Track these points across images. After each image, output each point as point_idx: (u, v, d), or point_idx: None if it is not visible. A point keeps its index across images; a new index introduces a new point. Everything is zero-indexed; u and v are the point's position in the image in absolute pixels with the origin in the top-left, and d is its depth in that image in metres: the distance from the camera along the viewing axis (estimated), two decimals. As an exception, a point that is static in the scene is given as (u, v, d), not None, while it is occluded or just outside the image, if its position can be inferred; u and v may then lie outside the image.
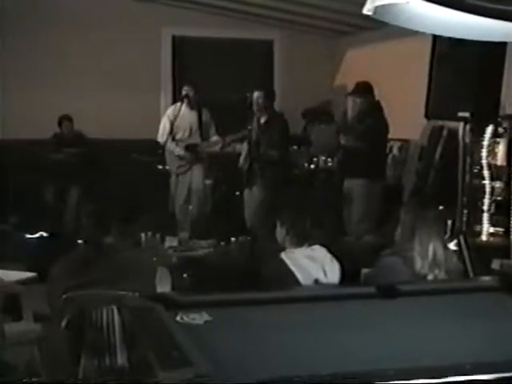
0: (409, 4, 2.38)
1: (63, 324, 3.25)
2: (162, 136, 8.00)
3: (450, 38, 3.58)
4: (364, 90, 7.09)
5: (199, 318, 2.68)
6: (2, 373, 3.53)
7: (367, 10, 2.45)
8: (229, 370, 2.15)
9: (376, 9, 2.49)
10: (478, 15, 2.05)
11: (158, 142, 8.17)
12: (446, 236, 5.08)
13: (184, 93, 7.99)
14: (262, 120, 7.35)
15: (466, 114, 5.01)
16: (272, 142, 7.18)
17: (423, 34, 2.75)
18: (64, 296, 3.42)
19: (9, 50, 8.95)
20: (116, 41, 9.41)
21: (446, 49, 5.11)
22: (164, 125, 8.02)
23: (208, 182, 7.95)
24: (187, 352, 2.20)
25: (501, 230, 5.91)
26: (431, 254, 3.71)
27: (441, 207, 6.17)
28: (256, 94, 7.26)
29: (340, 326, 2.72)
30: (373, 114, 6.97)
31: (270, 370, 2.15)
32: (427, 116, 5.41)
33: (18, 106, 8.98)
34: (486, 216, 5.97)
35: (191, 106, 7.94)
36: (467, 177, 5.96)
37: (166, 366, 2.08)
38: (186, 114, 7.96)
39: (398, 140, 8.24)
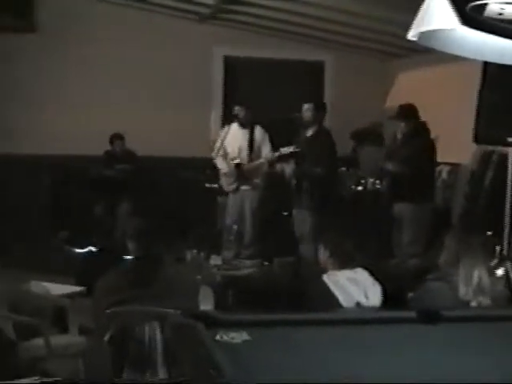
0: (454, 30, 2.39)
1: (106, 338, 3.30)
2: (215, 154, 8.08)
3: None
4: (406, 113, 6.94)
5: (238, 337, 2.69)
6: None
7: (412, 35, 2.47)
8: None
9: (421, 34, 2.50)
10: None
11: (206, 160, 8.25)
12: (494, 262, 5.03)
13: (235, 113, 8.06)
14: (309, 133, 7.36)
15: (516, 139, 4.97)
16: (317, 156, 7.16)
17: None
18: (108, 311, 3.47)
19: (63, 68, 9.17)
20: (168, 60, 9.55)
21: (496, 73, 5.08)
22: (217, 143, 8.11)
23: (256, 201, 7.95)
24: (223, 370, 2.22)
25: (550, 257, 5.80)
26: (476, 280, 3.67)
27: (489, 233, 6.11)
28: (305, 106, 7.28)
29: (378, 350, 2.72)
30: (417, 137, 6.83)
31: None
32: (476, 141, 5.37)
33: (72, 122, 9.17)
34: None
35: (242, 126, 7.99)
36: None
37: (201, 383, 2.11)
38: (236, 133, 8.01)
39: (448, 164, 8.17)
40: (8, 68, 8.94)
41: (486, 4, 2.21)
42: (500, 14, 2.17)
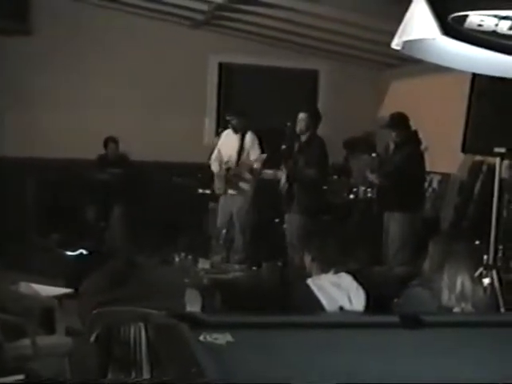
0: (436, 40, 2.44)
1: (92, 338, 3.34)
2: (211, 160, 8.17)
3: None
4: (397, 122, 6.99)
5: (222, 339, 2.72)
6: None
7: (395, 44, 2.52)
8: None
9: (405, 44, 2.55)
10: (500, 52, 2.11)
11: (199, 166, 8.32)
12: (480, 270, 5.08)
13: (228, 119, 8.17)
14: (303, 139, 7.45)
15: (503, 150, 5.02)
16: (309, 160, 7.25)
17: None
18: (94, 311, 3.50)
19: (58, 73, 9.21)
20: (164, 65, 9.60)
21: (484, 84, 5.13)
22: (215, 149, 8.22)
23: (245, 206, 8.00)
24: (205, 369, 2.25)
25: (537, 267, 5.87)
26: (459, 286, 3.71)
27: (477, 242, 6.17)
28: (301, 115, 7.37)
29: (360, 353, 2.75)
30: (408, 146, 6.91)
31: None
32: (464, 150, 5.43)
33: (66, 125, 9.21)
34: (521, 252, 5.95)
35: (235, 131, 8.09)
36: (504, 212, 5.95)
37: (182, 382, 2.14)
38: (230, 139, 8.11)
39: (439, 173, 8.23)
40: (2, 70, 8.97)
41: (466, 16, 2.27)
42: (480, 26, 2.22)
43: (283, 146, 7.43)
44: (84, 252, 7.82)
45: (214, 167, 8.08)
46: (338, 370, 2.53)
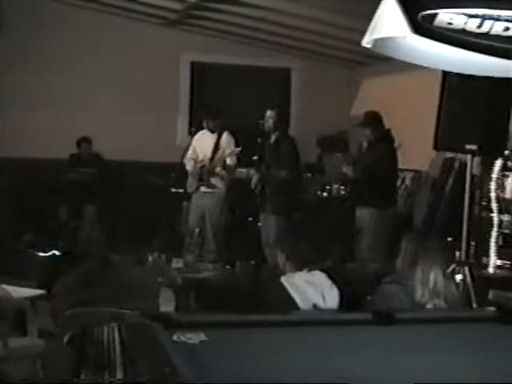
0: (406, 38, 2.46)
1: (65, 340, 3.31)
2: (186, 158, 8.15)
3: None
4: (371, 120, 7.00)
5: (195, 338, 2.73)
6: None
7: (366, 42, 2.53)
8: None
9: (375, 42, 2.56)
10: (470, 51, 2.13)
11: (172, 165, 8.30)
12: (452, 267, 5.13)
13: (203, 120, 8.18)
14: (272, 139, 7.46)
15: (474, 147, 5.06)
16: (281, 162, 7.26)
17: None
18: (67, 312, 3.48)
19: (28, 70, 9.13)
20: (136, 64, 9.56)
21: (455, 82, 5.17)
22: (190, 148, 8.20)
23: (219, 205, 8.00)
24: (178, 368, 2.25)
25: (508, 262, 5.93)
26: (432, 283, 3.74)
27: (450, 238, 6.22)
28: (268, 113, 7.38)
29: (334, 351, 2.76)
30: (381, 144, 6.91)
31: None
32: (436, 147, 5.47)
33: (37, 125, 9.14)
34: (493, 248, 6.00)
35: (211, 132, 8.09)
36: (476, 209, 6.00)
37: (155, 381, 2.14)
38: (206, 138, 8.11)
39: (412, 171, 8.28)
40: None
41: (436, 14, 2.28)
42: (449, 24, 2.24)
43: (257, 142, 7.44)
44: (57, 253, 7.76)
45: (189, 165, 8.07)
46: (312, 368, 2.54)
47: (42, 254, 7.79)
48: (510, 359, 2.69)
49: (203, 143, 8.08)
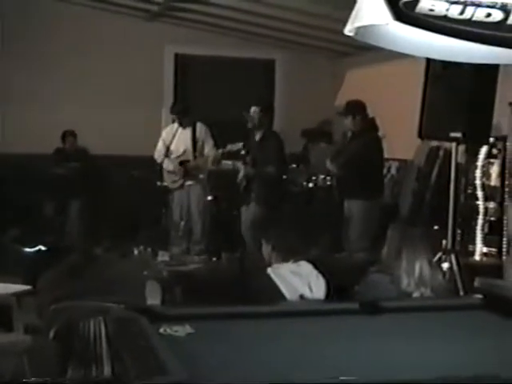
0: (389, 26, 2.44)
1: (51, 335, 3.29)
2: (157, 155, 8.15)
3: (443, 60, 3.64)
4: (354, 109, 6.93)
5: (182, 331, 2.72)
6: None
7: (348, 30, 2.52)
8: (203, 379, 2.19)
9: (358, 30, 2.55)
10: (452, 37, 2.12)
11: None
12: (439, 255, 5.14)
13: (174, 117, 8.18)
14: (257, 137, 7.42)
15: (458, 135, 5.06)
16: (268, 159, 7.24)
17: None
18: (52, 307, 3.46)
19: (11, 64, 9.06)
20: (119, 58, 9.52)
21: (439, 69, 5.17)
22: (159, 144, 8.18)
23: (205, 199, 7.99)
24: (165, 362, 2.24)
25: (494, 250, 5.96)
26: (417, 272, 3.74)
27: (436, 227, 6.23)
28: (252, 109, 7.33)
29: (322, 341, 2.76)
30: (365, 134, 6.87)
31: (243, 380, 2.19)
32: (420, 136, 5.47)
33: (21, 119, 9.08)
34: (479, 236, 6.03)
35: (183, 126, 8.07)
36: (461, 197, 6.03)
37: (141, 375, 2.13)
38: (180, 133, 8.09)
39: (397, 160, 8.29)
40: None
41: (417, 1, 2.27)
42: (431, 10, 2.23)
43: (244, 143, 7.41)
44: (42, 248, 7.72)
45: (166, 164, 8.04)
46: (299, 359, 2.54)
47: (27, 250, 7.74)
48: (496, 346, 2.70)
49: (178, 138, 8.05)
